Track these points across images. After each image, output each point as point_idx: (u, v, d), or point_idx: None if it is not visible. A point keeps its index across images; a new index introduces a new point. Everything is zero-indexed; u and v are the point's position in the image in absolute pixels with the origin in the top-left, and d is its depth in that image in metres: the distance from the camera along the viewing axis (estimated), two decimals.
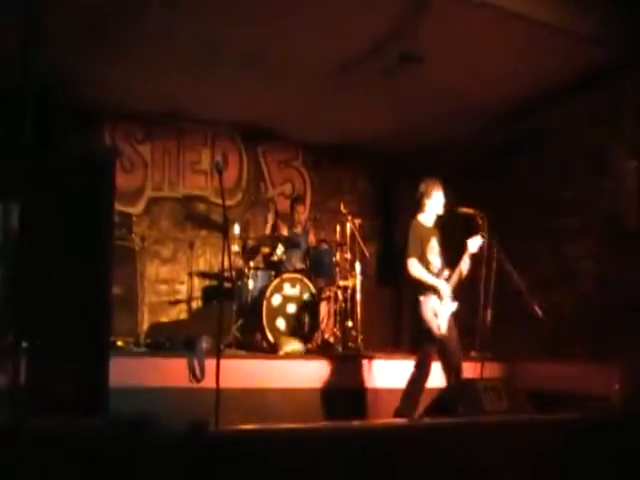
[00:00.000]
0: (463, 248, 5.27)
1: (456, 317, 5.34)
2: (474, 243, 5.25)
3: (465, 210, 5.45)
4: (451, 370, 5.21)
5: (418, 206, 5.44)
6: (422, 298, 5.21)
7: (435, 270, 5.30)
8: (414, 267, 5.23)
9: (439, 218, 5.48)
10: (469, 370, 5.57)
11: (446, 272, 5.32)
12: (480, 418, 4.42)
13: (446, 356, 5.23)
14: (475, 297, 5.41)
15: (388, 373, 6.12)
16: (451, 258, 5.46)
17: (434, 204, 5.39)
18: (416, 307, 5.25)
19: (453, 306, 5.25)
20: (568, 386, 5.61)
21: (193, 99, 7.38)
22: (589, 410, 4.15)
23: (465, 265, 5.25)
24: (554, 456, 3.14)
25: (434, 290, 5.20)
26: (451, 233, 5.68)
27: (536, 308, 5.44)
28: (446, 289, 5.22)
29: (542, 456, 3.13)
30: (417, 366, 5.26)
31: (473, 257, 5.33)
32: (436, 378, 5.38)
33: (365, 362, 6.20)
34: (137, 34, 5.86)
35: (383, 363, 6.21)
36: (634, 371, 5.42)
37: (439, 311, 5.17)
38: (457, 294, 5.31)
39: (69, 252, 3.67)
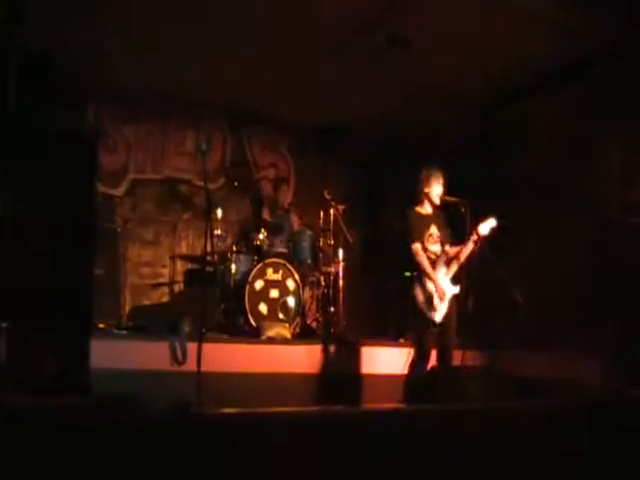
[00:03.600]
0: (470, 231, 5.22)
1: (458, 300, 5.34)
2: (486, 225, 5.22)
3: (447, 198, 5.41)
4: (440, 358, 5.23)
5: (416, 194, 5.45)
6: (417, 283, 5.22)
7: (434, 257, 5.31)
8: (416, 252, 5.27)
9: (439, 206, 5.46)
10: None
11: (449, 255, 5.31)
12: (461, 405, 4.45)
13: (440, 343, 5.24)
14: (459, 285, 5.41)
15: (370, 359, 6.14)
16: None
17: (431, 195, 5.38)
18: (411, 292, 5.24)
19: (454, 290, 5.25)
20: (549, 374, 5.66)
21: (179, 78, 7.26)
22: (568, 396, 4.20)
23: (467, 249, 5.21)
24: (535, 441, 3.17)
25: (429, 277, 5.21)
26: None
27: (517, 296, 5.46)
28: (443, 275, 5.23)
29: (523, 441, 3.15)
30: (416, 352, 5.24)
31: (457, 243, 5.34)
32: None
33: (347, 348, 6.21)
34: (125, 9, 5.78)
35: (365, 349, 6.22)
36: (613, 358, 5.49)
37: (435, 296, 5.17)
38: (459, 277, 5.31)
39: (51, 232, 3.63)
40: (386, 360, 6.14)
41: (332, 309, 7.05)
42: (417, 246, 5.27)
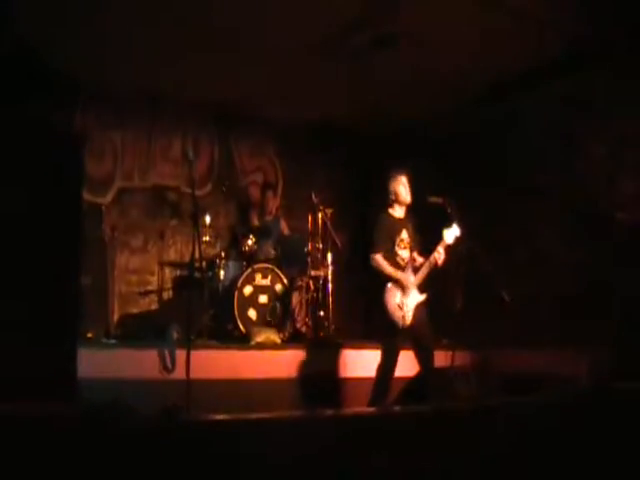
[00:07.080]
0: (438, 239, 5.21)
1: (426, 305, 5.34)
2: (450, 234, 5.19)
3: (434, 199, 5.38)
4: (422, 360, 5.24)
5: (387, 197, 5.46)
6: (386, 289, 5.22)
7: (402, 263, 5.31)
8: (376, 262, 5.28)
9: (410, 207, 5.48)
10: (440, 358, 5.59)
11: (416, 262, 5.31)
12: (450, 405, 4.45)
13: (416, 346, 5.27)
14: (446, 284, 5.41)
15: (359, 363, 6.14)
16: (424, 246, 5.46)
17: (400, 197, 5.40)
18: (380, 298, 5.23)
19: (420, 297, 5.25)
20: (538, 372, 5.66)
21: (167, 79, 7.22)
22: (558, 393, 4.20)
23: (439, 255, 5.18)
24: (523, 439, 3.17)
25: (397, 282, 5.22)
26: (422, 221, 5.66)
27: (504, 293, 5.45)
28: (410, 281, 5.23)
29: (510, 440, 3.15)
30: (383, 356, 5.26)
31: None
32: (405, 367, 5.39)
33: (336, 352, 6.21)
34: (112, 10, 5.77)
35: (354, 353, 6.22)
36: (601, 355, 5.50)
37: (403, 302, 5.18)
38: (427, 285, 5.30)
39: (36, 240, 3.60)
40: (376, 363, 6.13)
41: (321, 313, 7.05)
42: (377, 257, 5.28)
